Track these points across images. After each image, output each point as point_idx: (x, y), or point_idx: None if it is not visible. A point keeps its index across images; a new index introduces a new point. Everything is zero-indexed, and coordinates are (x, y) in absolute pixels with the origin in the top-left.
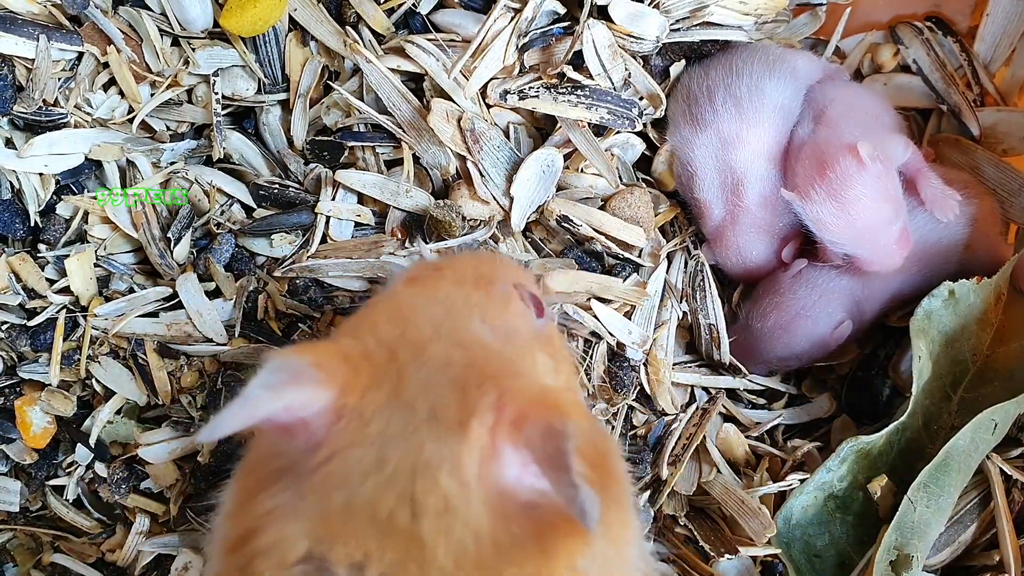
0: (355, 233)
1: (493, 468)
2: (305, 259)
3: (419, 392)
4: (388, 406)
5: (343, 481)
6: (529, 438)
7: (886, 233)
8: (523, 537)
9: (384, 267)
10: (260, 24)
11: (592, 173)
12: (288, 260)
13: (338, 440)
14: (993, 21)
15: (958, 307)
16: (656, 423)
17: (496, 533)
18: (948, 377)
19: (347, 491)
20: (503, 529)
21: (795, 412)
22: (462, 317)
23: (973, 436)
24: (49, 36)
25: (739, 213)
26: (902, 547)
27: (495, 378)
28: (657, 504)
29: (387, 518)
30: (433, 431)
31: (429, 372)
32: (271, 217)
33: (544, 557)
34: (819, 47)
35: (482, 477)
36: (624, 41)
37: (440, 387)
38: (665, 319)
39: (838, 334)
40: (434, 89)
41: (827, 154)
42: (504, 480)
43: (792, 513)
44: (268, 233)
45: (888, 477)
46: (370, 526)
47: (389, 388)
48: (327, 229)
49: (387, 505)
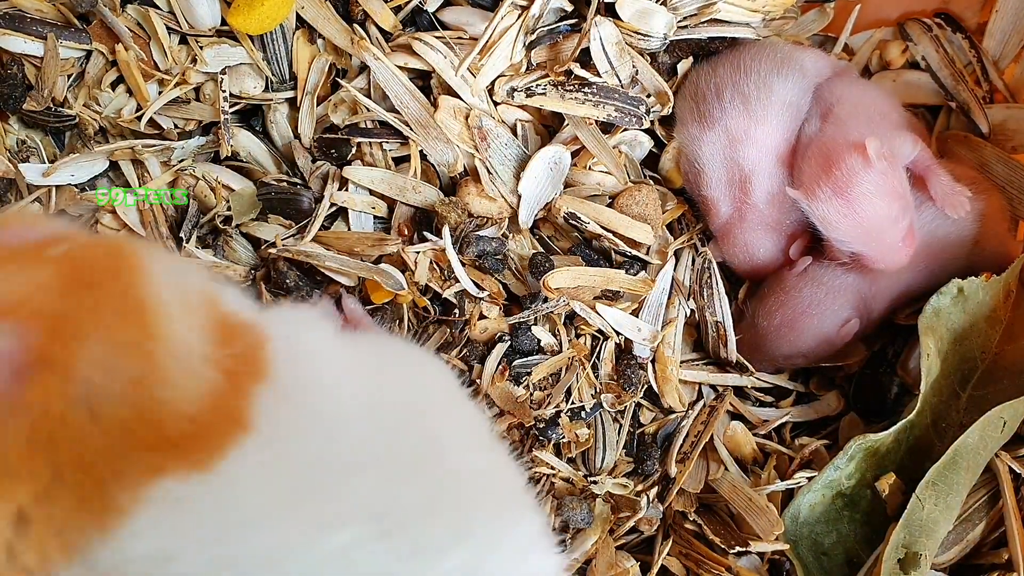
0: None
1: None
2: (306, 241)
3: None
4: None
5: None
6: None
7: (892, 231)
8: None
9: (383, 271)
10: (268, 22)
11: (600, 170)
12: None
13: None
14: (1002, 17)
15: (967, 304)
16: (667, 422)
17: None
18: (957, 375)
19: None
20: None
21: (803, 410)
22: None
23: (982, 434)
24: (58, 34)
25: (746, 210)
26: (910, 545)
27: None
28: (666, 502)
29: None
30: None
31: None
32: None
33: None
34: (827, 44)
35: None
36: (631, 38)
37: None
38: (672, 317)
39: (845, 332)
40: (441, 86)
41: (834, 152)
42: None
43: (800, 511)
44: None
45: (896, 475)
46: None
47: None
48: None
49: None
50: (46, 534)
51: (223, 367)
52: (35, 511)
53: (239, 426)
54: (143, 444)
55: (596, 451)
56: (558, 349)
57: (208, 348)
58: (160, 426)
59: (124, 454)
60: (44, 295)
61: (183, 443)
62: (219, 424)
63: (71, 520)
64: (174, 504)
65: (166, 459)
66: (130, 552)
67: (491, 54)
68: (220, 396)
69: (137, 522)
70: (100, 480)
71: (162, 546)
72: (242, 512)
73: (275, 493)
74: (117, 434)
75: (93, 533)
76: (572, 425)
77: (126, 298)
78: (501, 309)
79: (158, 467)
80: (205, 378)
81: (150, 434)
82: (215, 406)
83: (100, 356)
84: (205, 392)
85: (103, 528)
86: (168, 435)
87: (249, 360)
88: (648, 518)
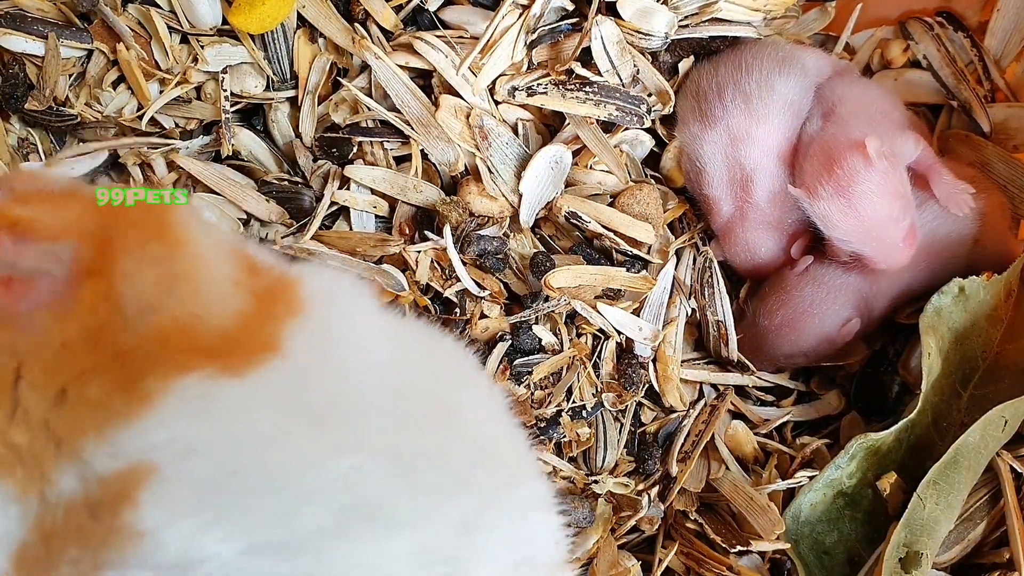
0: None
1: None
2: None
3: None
4: None
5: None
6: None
7: (894, 230)
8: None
9: (384, 271)
10: (269, 21)
11: (601, 170)
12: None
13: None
14: (1004, 16)
15: (968, 304)
16: (668, 421)
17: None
18: (958, 374)
19: None
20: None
21: (804, 409)
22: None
23: (983, 433)
24: (59, 34)
25: (748, 209)
26: (911, 545)
27: None
28: (668, 501)
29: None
30: None
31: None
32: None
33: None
34: (828, 43)
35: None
36: (633, 37)
37: None
38: (674, 316)
39: (846, 331)
40: (442, 86)
41: (835, 150)
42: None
43: (801, 510)
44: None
45: (898, 474)
46: None
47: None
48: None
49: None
50: (80, 411)
51: (254, 293)
52: (74, 391)
53: (270, 347)
54: (176, 346)
55: (597, 450)
56: (559, 348)
57: (238, 275)
58: (192, 333)
59: (157, 351)
60: (91, 221)
61: (215, 349)
62: (250, 342)
63: (104, 401)
64: (199, 400)
65: (197, 358)
66: (152, 438)
67: (492, 53)
68: (252, 318)
69: (162, 411)
70: (134, 370)
71: (182, 438)
72: (261, 423)
73: (294, 413)
74: (153, 335)
75: (121, 415)
76: (573, 424)
77: (161, 226)
78: (502, 308)
79: (188, 365)
80: (237, 299)
81: (183, 339)
82: (247, 325)
83: (137, 268)
84: (236, 311)
85: (130, 413)
86: (200, 341)
87: (281, 295)
88: (649, 517)
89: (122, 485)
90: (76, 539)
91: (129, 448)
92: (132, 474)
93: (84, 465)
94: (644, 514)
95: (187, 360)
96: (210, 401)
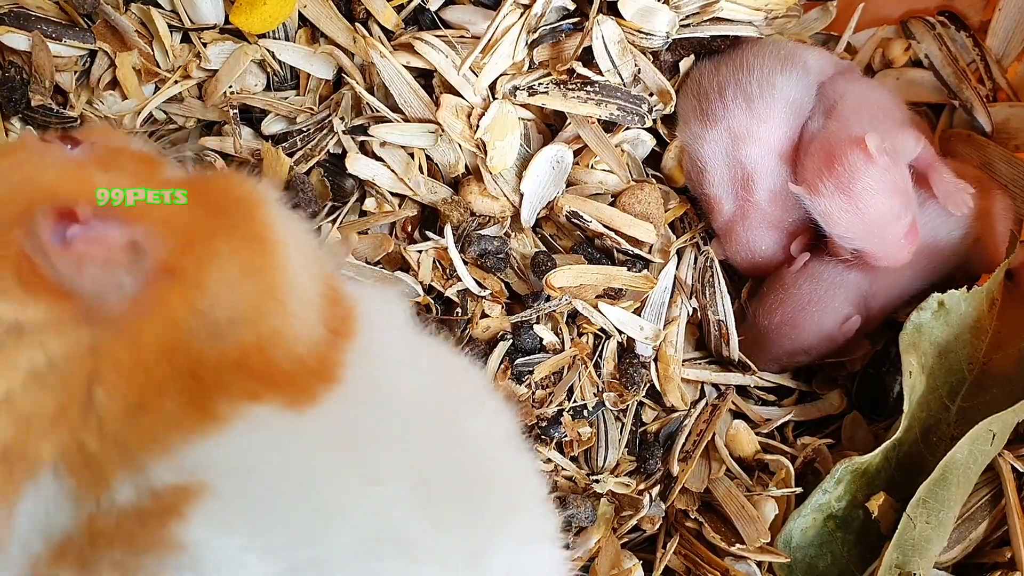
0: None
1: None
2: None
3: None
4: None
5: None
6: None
7: (895, 227)
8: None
9: (397, 279)
10: (270, 21)
11: (602, 169)
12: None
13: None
14: (1005, 15)
15: (949, 317)
16: (669, 420)
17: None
18: (944, 388)
19: None
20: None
21: (805, 409)
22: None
23: (971, 448)
24: (61, 33)
25: (749, 209)
26: (904, 565)
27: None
28: (669, 500)
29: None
30: None
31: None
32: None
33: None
34: (830, 42)
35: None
36: (634, 37)
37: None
38: (675, 315)
39: (846, 329)
40: (443, 85)
41: (835, 147)
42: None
43: (792, 536)
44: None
45: (889, 493)
46: None
47: None
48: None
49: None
50: (153, 425)
51: (329, 322)
52: (150, 404)
53: (333, 379)
54: (251, 369)
55: (598, 450)
56: (560, 348)
57: (320, 300)
58: (271, 355)
59: (233, 372)
60: (171, 208)
61: (287, 380)
62: (319, 372)
63: (176, 418)
64: (261, 428)
65: (267, 389)
66: (212, 456)
67: (493, 53)
68: (323, 347)
69: (228, 433)
70: (208, 387)
71: (239, 461)
72: (310, 456)
73: (343, 445)
74: (232, 353)
75: (191, 433)
76: (574, 424)
77: (253, 227)
78: (503, 308)
79: (258, 393)
80: (316, 326)
81: (261, 360)
82: (319, 355)
83: (229, 276)
84: (313, 340)
85: (198, 431)
86: (276, 368)
87: (346, 321)
88: (650, 517)
89: (175, 498)
90: (123, 543)
91: (189, 464)
92: (186, 489)
93: (144, 476)
94: (645, 513)
95: (258, 388)
96: (271, 431)
